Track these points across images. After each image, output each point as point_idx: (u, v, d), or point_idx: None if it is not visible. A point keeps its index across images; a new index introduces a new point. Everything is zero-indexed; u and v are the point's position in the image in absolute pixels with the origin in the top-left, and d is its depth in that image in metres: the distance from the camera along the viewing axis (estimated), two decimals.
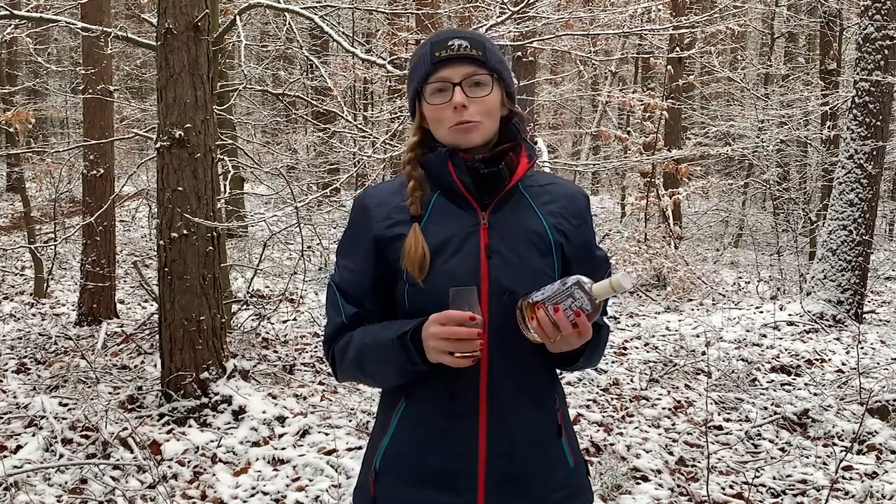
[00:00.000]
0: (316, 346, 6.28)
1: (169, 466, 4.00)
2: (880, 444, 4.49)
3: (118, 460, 3.97)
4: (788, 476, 4.12)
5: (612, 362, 6.10)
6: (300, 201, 5.52)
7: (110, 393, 4.97)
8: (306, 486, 3.83)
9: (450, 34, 1.57)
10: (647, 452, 4.33)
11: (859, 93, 7.54)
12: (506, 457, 1.54)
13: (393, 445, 1.59)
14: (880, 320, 8.30)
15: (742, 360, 6.16)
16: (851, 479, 4.09)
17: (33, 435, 4.29)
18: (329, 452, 4.18)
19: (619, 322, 7.80)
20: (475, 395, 1.53)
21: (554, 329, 1.43)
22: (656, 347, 6.66)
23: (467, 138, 1.54)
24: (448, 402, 1.54)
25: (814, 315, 7.35)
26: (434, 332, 1.43)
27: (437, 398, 1.55)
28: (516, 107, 1.64)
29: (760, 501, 3.85)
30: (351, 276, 1.61)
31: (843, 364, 6.17)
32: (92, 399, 4.70)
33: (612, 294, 1.42)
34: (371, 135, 6.72)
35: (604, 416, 4.87)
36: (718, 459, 4.29)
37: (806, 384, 5.67)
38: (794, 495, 3.90)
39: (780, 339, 6.85)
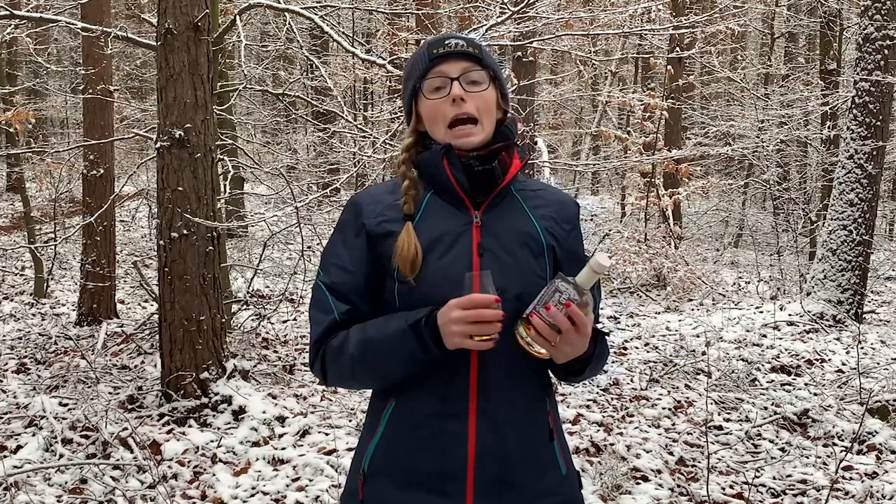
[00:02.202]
0: None
1: (169, 466, 4.00)
2: (880, 444, 4.49)
3: (118, 460, 3.97)
4: (788, 476, 4.12)
5: (613, 362, 6.10)
6: (300, 201, 5.52)
7: (110, 393, 4.97)
8: (306, 486, 3.83)
9: (446, 35, 1.62)
10: (647, 452, 4.33)
11: (859, 93, 7.54)
12: (496, 460, 1.52)
13: (382, 447, 1.56)
14: (880, 320, 8.30)
15: (742, 360, 6.16)
16: (851, 479, 4.09)
17: (33, 435, 4.29)
18: (329, 452, 4.18)
19: (619, 322, 7.80)
20: (466, 396, 1.52)
21: (552, 330, 1.41)
22: (656, 347, 6.66)
23: (467, 141, 1.55)
24: (439, 402, 1.52)
25: (814, 315, 7.35)
26: (458, 316, 1.42)
27: (429, 399, 1.53)
28: (511, 109, 1.66)
29: (760, 501, 3.85)
30: (343, 275, 1.58)
31: (843, 364, 6.17)
32: (92, 399, 4.70)
33: (596, 276, 1.42)
34: (371, 135, 6.72)
35: (604, 416, 4.87)
36: (718, 459, 4.29)
37: (806, 384, 5.67)
38: (794, 495, 3.90)
39: (780, 339, 6.85)
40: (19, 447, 4.15)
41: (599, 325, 1.72)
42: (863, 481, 4.04)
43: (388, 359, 1.51)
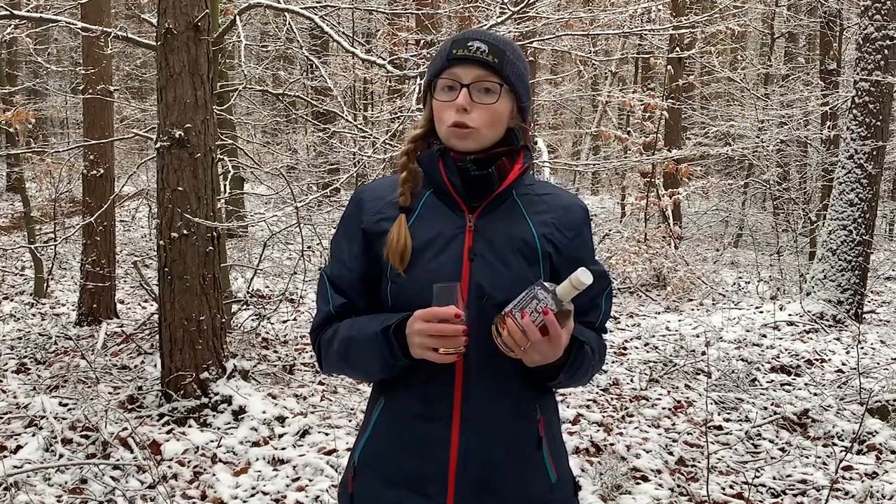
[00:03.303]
0: None
1: (169, 466, 4.00)
2: (880, 444, 4.49)
3: (118, 460, 3.97)
4: (788, 476, 4.13)
5: (613, 362, 6.10)
6: (300, 201, 5.52)
7: (110, 393, 4.97)
8: (306, 486, 3.83)
9: (473, 35, 1.55)
10: (647, 452, 4.33)
11: (859, 93, 7.54)
12: (478, 464, 1.51)
13: (370, 443, 1.59)
14: (880, 320, 8.30)
15: (742, 360, 6.16)
16: (851, 479, 4.09)
17: (33, 435, 4.29)
18: (329, 452, 4.18)
19: (619, 322, 7.80)
20: (450, 398, 1.52)
21: (522, 336, 1.39)
22: (656, 347, 6.66)
23: (461, 143, 1.53)
24: (424, 405, 1.53)
25: (814, 315, 7.35)
26: (419, 328, 1.43)
27: (413, 399, 1.54)
28: (526, 123, 1.62)
29: (760, 501, 3.85)
30: (341, 268, 1.61)
31: (843, 364, 6.17)
32: (92, 399, 4.70)
33: (575, 291, 1.40)
34: (371, 135, 6.71)
35: (604, 416, 4.87)
36: (718, 459, 4.29)
37: (806, 384, 5.67)
38: (794, 495, 3.90)
39: (780, 339, 6.85)
40: (19, 447, 4.15)
41: (605, 335, 1.71)
42: (863, 481, 4.04)
43: (365, 360, 1.54)
